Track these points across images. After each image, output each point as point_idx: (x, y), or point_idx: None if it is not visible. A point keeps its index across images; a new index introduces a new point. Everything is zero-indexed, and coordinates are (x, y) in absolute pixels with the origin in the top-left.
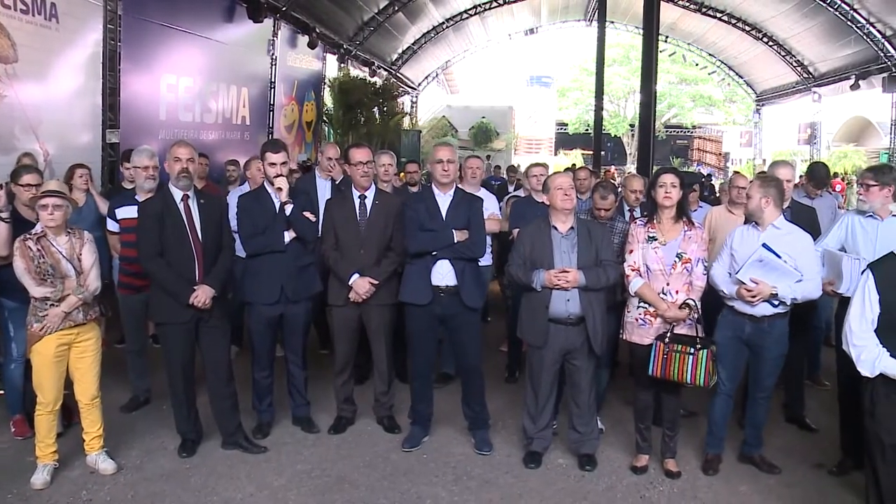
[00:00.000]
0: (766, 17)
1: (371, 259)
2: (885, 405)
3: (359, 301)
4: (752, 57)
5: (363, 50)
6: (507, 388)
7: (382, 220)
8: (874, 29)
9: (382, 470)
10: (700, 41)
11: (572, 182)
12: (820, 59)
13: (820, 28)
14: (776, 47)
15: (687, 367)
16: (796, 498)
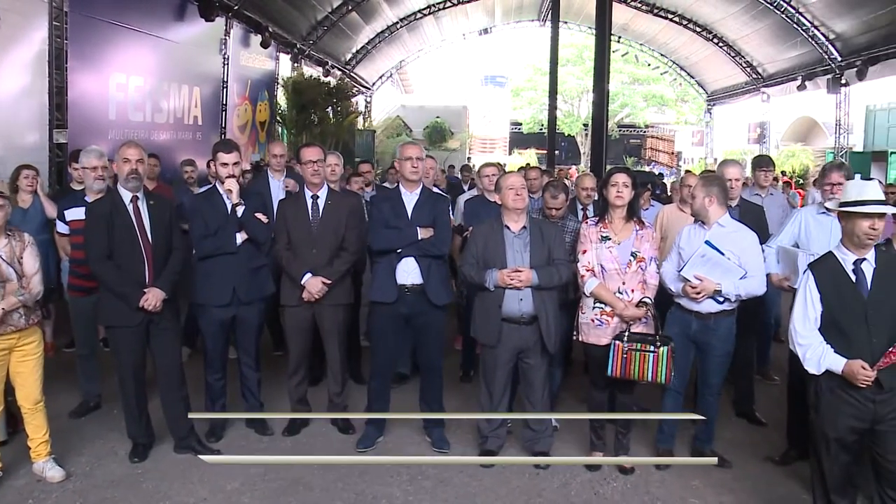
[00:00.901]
0: (716, 19)
1: (324, 259)
2: (828, 400)
3: (312, 300)
4: (702, 58)
5: (317, 49)
6: (462, 387)
7: (335, 219)
8: (819, 32)
9: (337, 471)
10: (652, 42)
11: (524, 182)
12: (768, 61)
13: (768, 30)
14: (726, 48)
15: (648, 365)
16: (746, 490)
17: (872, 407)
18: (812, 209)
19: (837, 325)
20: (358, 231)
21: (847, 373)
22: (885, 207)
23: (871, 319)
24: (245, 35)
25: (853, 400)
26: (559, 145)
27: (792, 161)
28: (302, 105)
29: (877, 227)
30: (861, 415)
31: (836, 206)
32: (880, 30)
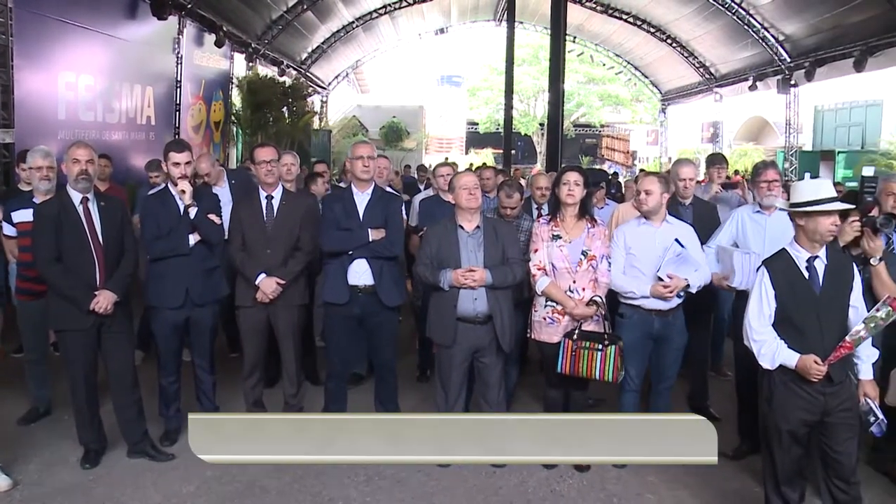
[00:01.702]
0: (669, 20)
1: (278, 259)
2: (782, 393)
3: (266, 301)
4: (657, 58)
5: (272, 49)
6: (418, 387)
7: (289, 220)
8: (769, 34)
9: (293, 473)
10: (607, 42)
11: (477, 181)
12: (720, 61)
13: (720, 31)
14: (680, 49)
15: (596, 363)
16: (700, 485)
17: (823, 400)
18: (748, 209)
19: (791, 320)
20: (312, 231)
21: (800, 367)
22: (845, 205)
23: (823, 315)
24: (199, 34)
25: (805, 393)
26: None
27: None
28: (257, 105)
29: (837, 223)
30: (812, 407)
31: (788, 205)
32: (827, 32)
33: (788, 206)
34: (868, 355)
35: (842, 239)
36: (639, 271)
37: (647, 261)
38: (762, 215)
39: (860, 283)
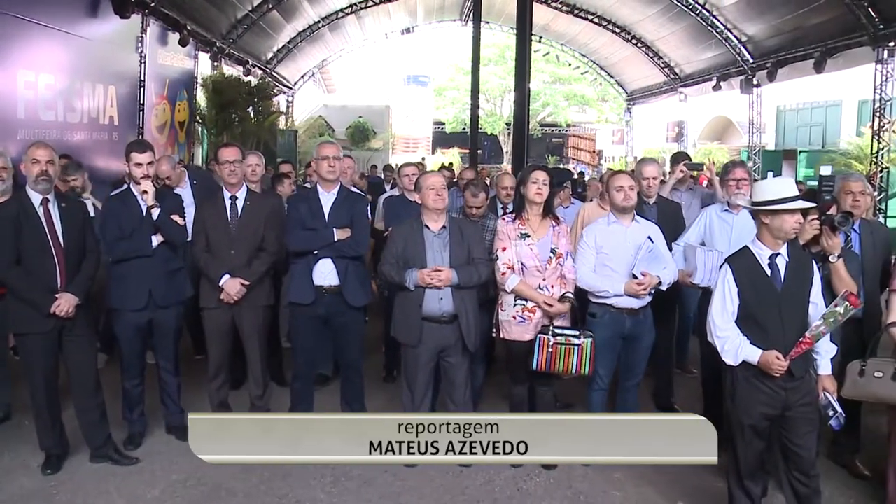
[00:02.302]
0: (634, 20)
1: (242, 260)
2: (744, 388)
3: (230, 302)
4: (622, 58)
5: (237, 48)
6: (385, 387)
7: (254, 220)
8: (732, 34)
9: (260, 475)
10: (573, 42)
11: (444, 181)
12: (685, 61)
13: (684, 32)
14: (645, 49)
15: (572, 358)
16: (665, 481)
17: (784, 394)
18: (716, 208)
19: (753, 317)
20: (277, 232)
21: (762, 363)
22: (808, 203)
23: (785, 311)
24: (162, 33)
25: (766, 388)
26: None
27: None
28: (222, 105)
29: (801, 221)
30: (773, 402)
31: (750, 203)
32: (788, 34)
33: (751, 205)
34: (827, 351)
35: (802, 237)
36: (611, 270)
37: (618, 259)
38: (730, 214)
39: (820, 279)
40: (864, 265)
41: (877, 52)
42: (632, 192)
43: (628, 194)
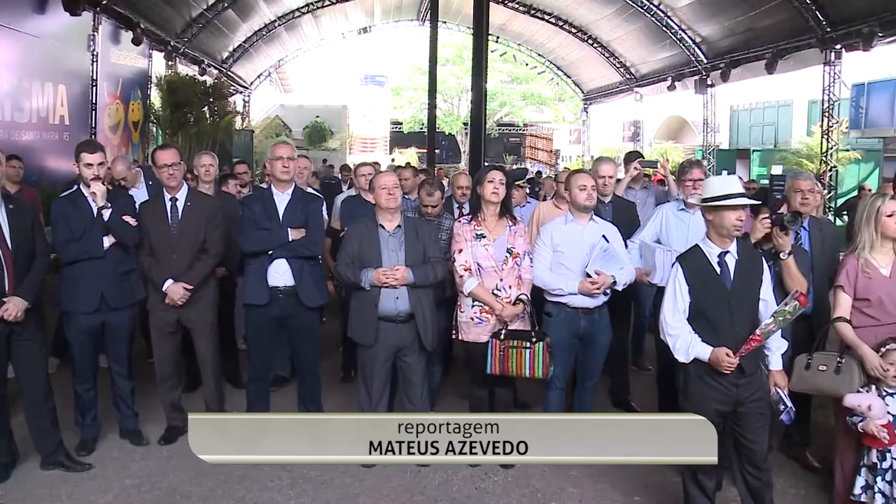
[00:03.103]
0: (591, 21)
1: (184, 263)
2: (696, 385)
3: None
4: (578, 58)
5: (192, 47)
6: (343, 387)
7: (195, 222)
8: (686, 35)
9: (216, 478)
10: (530, 42)
11: (397, 181)
12: (640, 62)
13: (639, 32)
14: (601, 49)
15: (525, 361)
16: (621, 477)
17: (735, 391)
18: (673, 206)
19: (704, 314)
20: (220, 232)
21: (713, 360)
22: (750, 200)
23: (735, 309)
24: (115, 31)
25: (718, 385)
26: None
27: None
28: (177, 104)
29: (742, 218)
30: (725, 398)
31: (699, 201)
32: (740, 35)
33: (700, 203)
34: (778, 347)
35: (753, 236)
36: (566, 268)
37: (574, 258)
38: (686, 213)
39: (770, 277)
40: (813, 262)
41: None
42: (594, 191)
43: (591, 194)
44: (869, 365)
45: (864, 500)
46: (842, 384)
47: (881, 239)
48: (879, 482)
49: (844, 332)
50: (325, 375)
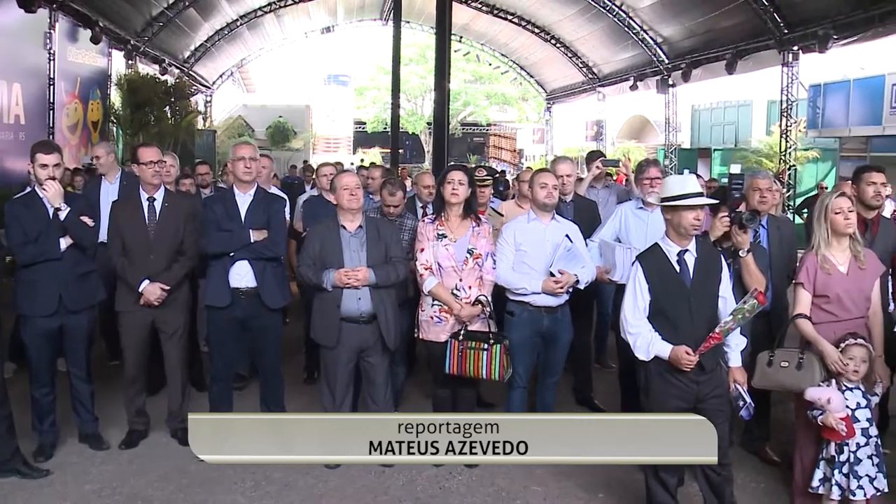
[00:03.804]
0: (553, 21)
1: (162, 264)
2: (657, 383)
3: (151, 307)
4: (542, 58)
5: (152, 46)
6: (306, 389)
7: (173, 222)
8: (648, 36)
9: (178, 482)
10: (493, 41)
11: (358, 181)
12: (603, 62)
13: (602, 32)
14: (564, 49)
15: (482, 362)
16: (585, 474)
17: (696, 388)
18: (631, 205)
19: (664, 312)
20: (197, 234)
21: (672, 358)
22: (708, 199)
23: (694, 307)
24: (73, 29)
25: (679, 382)
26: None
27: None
28: (137, 104)
29: (700, 218)
30: (686, 395)
31: (659, 200)
32: (701, 35)
33: (659, 202)
34: (737, 343)
35: (712, 234)
36: (529, 267)
37: (537, 257)
38: (645, 211)
39: (728, 275)
40: (771, 259)
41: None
42: (555, 190)
43: (551, 192)
44: (829, 360)
45: (822, 492)
46: (803, 379)
47: (834, 236)
48: (837, 475)
49: (805, 329)
50: (288, 377)
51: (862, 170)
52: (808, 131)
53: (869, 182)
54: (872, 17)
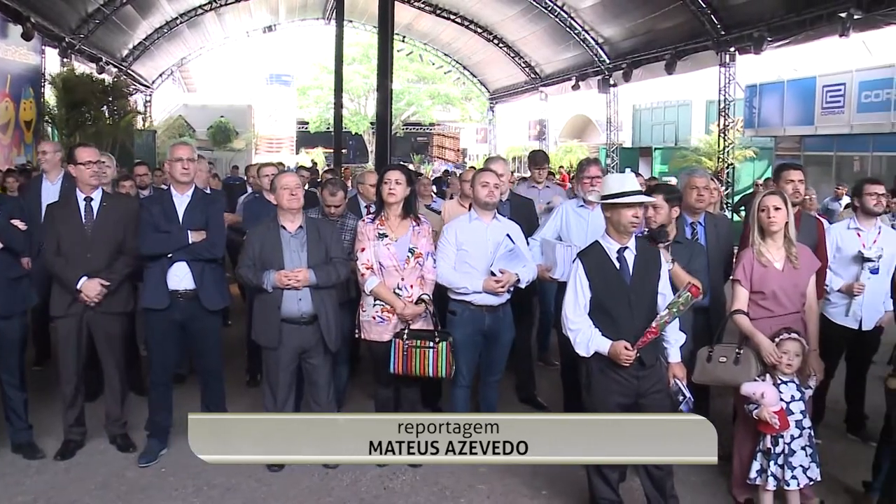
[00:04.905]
0: (496, 21)
1: (101, 263)
2: (598, 379)
3: (90, 304)
4: (484, 57)
5: (89, 44)
6: (249, 391)
7: (112, 222)
8: (589, 36)
9: (117, 490)
10: (436, 41)
11: (299, 181)
12: (545, 61)
13: (544, 32)
14: (506, 49)
15: (428, 361)
16: (529, 472)
17: (636, 383)
18: (573, 203)
19: (604, 309)
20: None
21: (612, 354)
22: (646, 197)
23: (634, 303)
24: (2, 25)
25: (619, 377)
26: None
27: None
28: (73, 103)
29: (639, 215)
30: (626, 391)
31: (598, 198)
32: (641, 36)
33: (599, 200)
34: (676, 339)
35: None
36: (470, 266)
37: (478, 256)
38: (586, 209)
39: (667, 271)
40: (709, 256)
41: (720, 55)
42: (496, 189)
43: (493, 191)
44: (765, 353)
45: (759, 483)
46: (740, 374)
47: (764, 233)
48: (772, 466)
49: (742, 324)
50: (230, 379)
51: (781, 168)
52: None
53: (787, 180)
54: (804, 21)
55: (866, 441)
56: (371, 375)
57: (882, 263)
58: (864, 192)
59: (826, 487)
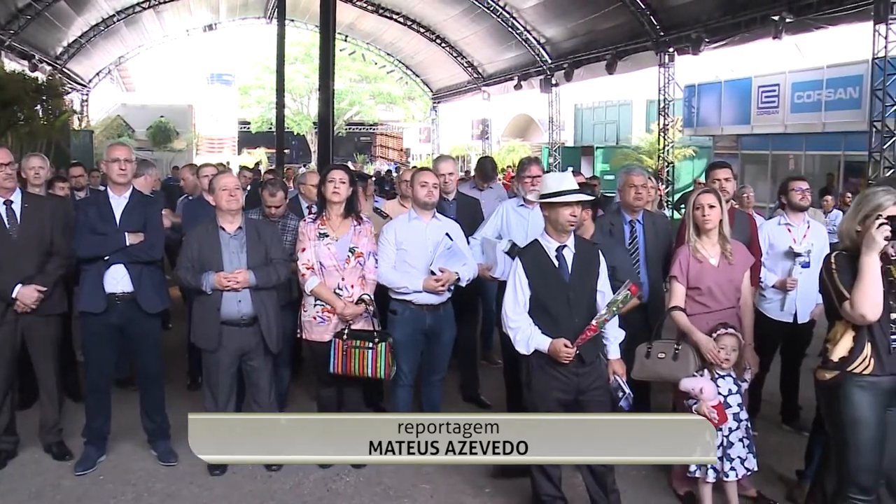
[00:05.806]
0: (438, 21)
1: (31, 267)
2: (539, 376)
3: (27, 311)
4: (427, 57)
5: (20, 41)
6: (190, 395)
7: (38, 223)
8: (531, 36)
9: (51, 500)
10: (378, 41)
11: (238, 182)
12: (488, 61)
13: (486, 32)
14: (449, 49)
15: (367, 361)
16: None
17: (576, 380)
18: (513, 202)
19: (544, 306)
20: (69, 235)
21: (551, 351)
22: (583, 196)
23: (573, 301)
24: None
25: (559, 375)
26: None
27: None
28: (4, 102)
29: (576, 214)
30: (567, 388)
31: (537, 197)
32: (583, 37)
33: (538, 199)
34: (615, 336)
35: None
36: (410, 266)
37: (418, 256)
38: (526, 209)
39: (606, 269)
40: (647, 253)
41: (660, 56)
42: (436, 189)
43: (431, 191)
44: (703, 349)
45: (699, 475)
46: (679, 370)
47: (699, 230)
48: None
49: (679, 320)
50: (171, 383)
51: (710, 167)
52: (685, 130)
53: (714, 178)
54: (739, 23)
55: (800, 431)
56: (313, 376)
57: (812, 258)
58: (789, 188)
59: (763, 477)
